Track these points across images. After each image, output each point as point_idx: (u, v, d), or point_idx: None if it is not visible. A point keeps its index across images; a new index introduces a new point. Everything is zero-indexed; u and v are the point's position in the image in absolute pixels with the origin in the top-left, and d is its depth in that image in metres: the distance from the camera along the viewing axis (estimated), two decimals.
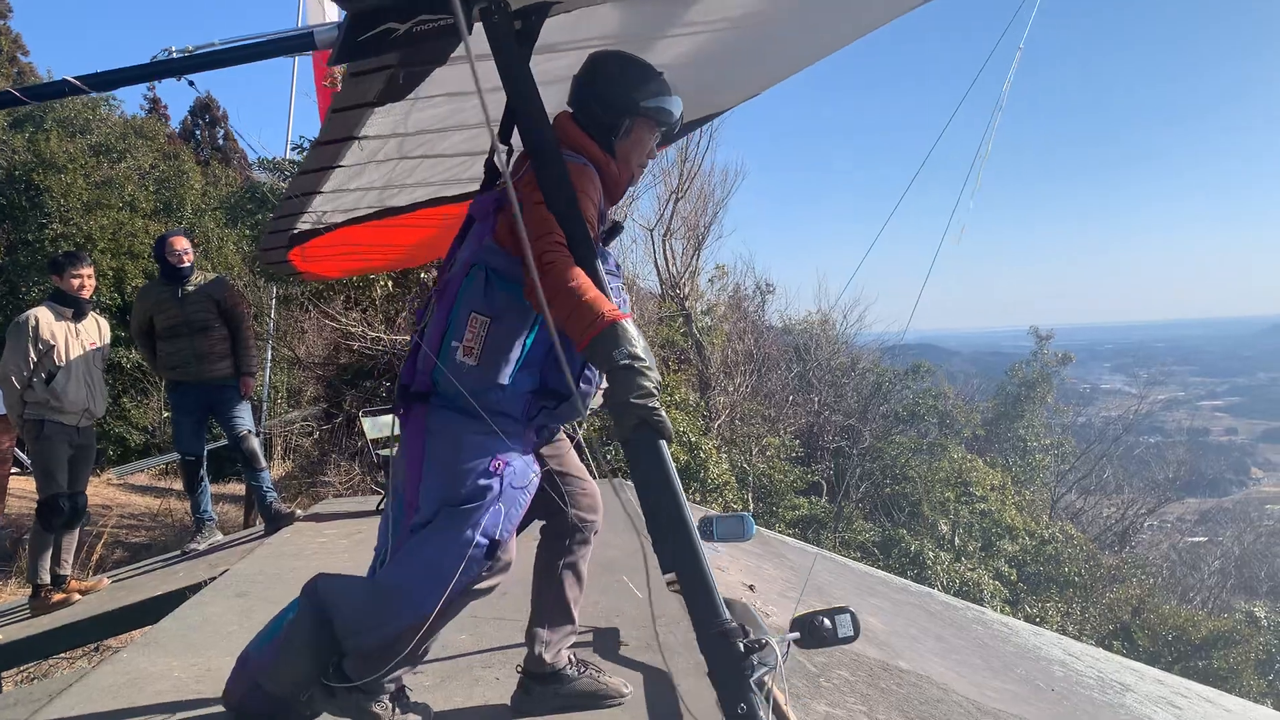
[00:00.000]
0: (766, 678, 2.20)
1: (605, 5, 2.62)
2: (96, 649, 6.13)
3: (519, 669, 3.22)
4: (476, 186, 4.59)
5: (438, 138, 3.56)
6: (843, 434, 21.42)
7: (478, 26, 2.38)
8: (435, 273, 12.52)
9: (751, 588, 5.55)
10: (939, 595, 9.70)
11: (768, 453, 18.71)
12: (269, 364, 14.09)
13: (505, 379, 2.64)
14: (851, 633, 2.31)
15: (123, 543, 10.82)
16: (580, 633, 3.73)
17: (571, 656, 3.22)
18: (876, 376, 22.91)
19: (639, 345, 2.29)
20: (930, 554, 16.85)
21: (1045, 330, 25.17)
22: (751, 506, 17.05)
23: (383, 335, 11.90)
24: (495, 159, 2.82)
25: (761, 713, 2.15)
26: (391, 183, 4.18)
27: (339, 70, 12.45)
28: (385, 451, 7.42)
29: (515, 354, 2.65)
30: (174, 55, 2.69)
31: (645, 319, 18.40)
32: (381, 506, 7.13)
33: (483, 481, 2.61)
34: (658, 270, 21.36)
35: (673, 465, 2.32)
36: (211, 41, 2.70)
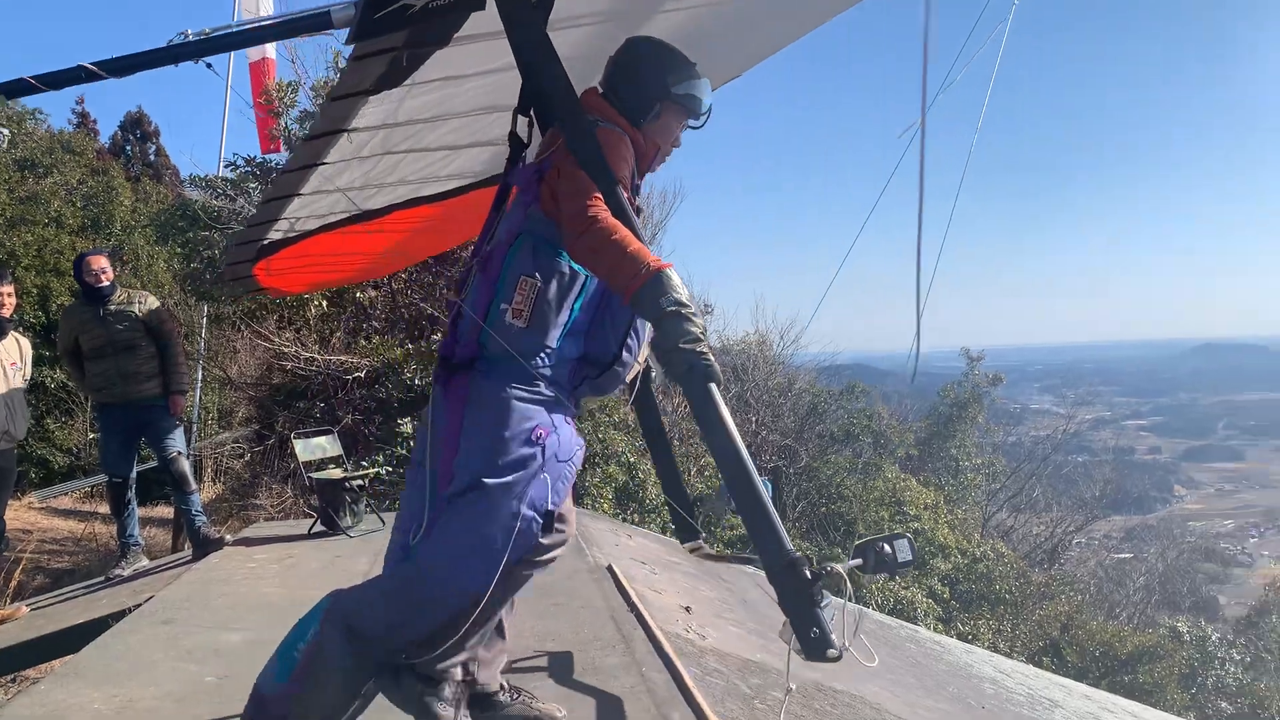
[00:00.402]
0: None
1: None
2: (14, 680, 5.92)
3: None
4: (455, 184, 4.65)
5: (425, 129, 3.60)
6: (780, 454, 21.56)
7: (490, 3, 2.46)
8: (373, 292, 12.43)
9: (688, 609, 5.56)
10: (873, 614, 9.79)
11: (706, 472, 18.74)
12: (200, 384, 13.80)
13: (553, 342, 2.66)
14: (910, 556, 2.40)
15: (43, 569, 10.48)
16: (531, 658, 3.73)
17: (504, 682, 3.20)
18: (813, 397, 23.12)
19: (684, 292, 2.35)
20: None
21: (976, 351, 25.60)
22: None
23: (316, 355, 11.74)
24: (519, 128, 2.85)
25: (833, 636, 2.22)
26: (370, 182, 4.18)
27: (273, 86, 12.35)
28: (318, 474, 7.32)
29: (563, 317, 2.67)
30: (190, 39, 2.66)
31: None
32: (313, 530, 7.05)
33: (524, 451, 2.59)
34: None
35: (725, 407, 2.39)
36: (228, 24, 2.67)
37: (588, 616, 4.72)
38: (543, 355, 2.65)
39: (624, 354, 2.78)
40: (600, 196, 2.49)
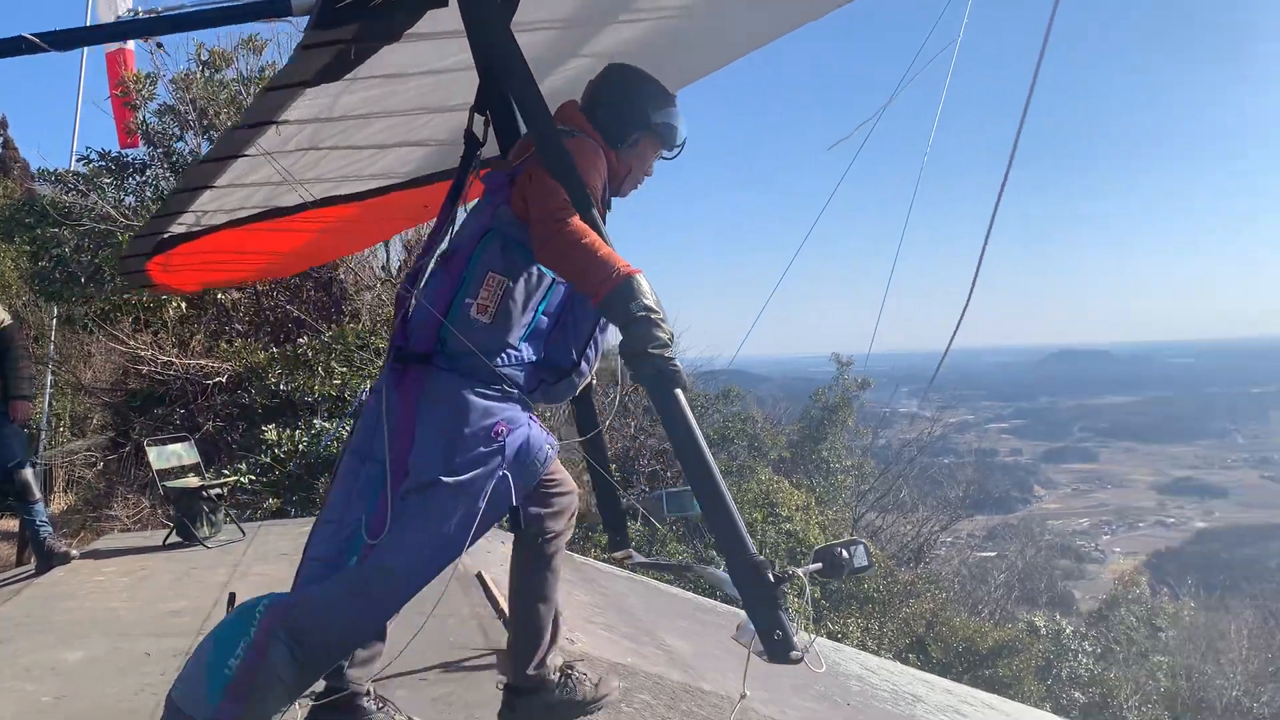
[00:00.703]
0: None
1: None
2: None
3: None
4: (376, 184, 4.54)
5: (355, 126, 3.47)
6: (657, 458, 21.65)
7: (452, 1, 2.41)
8: (236, 293, 12.03)
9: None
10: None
11: (584, 478, 18.71)
12: (49, 390, 13.11)
13: (515, 342, 2.66)
14: (866, 562, 2.49)
15: None
16: (398, 675, 3.65)
17: (371, 689, 3.12)
18: (690, 401, 23.33)
19: (653, 298, 2.35)
20: None
21: (846, 356, 26.19)
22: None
23: (175, 360, 11.30)
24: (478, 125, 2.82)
25: (795, 638, 2.26)
26: (288, 178, 4.01)
27: (130, 78, 11.84)
28: (173, 483, 7.02)
29: (527, 318, 2.68)
30: (140, 16, 2.52)
31: None
32: (168, 541, 6.77)
33: (483, 449, 2.56)
34: None
35: (689, 411, 2.43)
36: (182, 4, 2.52)
37: (454, 625, 4.66)
38: (504, 355, 2.65)
39: (582, 364, 2.83)
40: (569, 201, 2.48)
